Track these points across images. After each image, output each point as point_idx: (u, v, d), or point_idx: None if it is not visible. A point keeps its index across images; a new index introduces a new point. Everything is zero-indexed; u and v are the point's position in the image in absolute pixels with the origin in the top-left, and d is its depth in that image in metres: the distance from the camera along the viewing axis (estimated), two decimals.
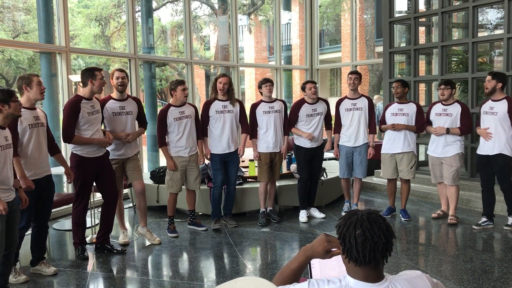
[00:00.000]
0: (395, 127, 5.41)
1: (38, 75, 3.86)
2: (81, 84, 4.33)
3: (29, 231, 4.00)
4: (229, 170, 5.30)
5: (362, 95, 5.67)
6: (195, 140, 5.10)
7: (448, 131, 5.21)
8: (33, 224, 3.95)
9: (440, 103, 5.40)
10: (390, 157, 5.56)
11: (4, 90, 3.24)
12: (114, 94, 4.63)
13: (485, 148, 4.98)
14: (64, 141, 4.23)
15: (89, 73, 4.23)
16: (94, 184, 4.46)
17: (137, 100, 4.84)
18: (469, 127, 5.27)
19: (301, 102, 5.53)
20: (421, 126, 5.49)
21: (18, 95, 3.42)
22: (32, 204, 3.76)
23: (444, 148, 5.30)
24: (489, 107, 4.97)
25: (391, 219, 5.63)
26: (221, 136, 5.16)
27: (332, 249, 1.67)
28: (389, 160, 5.58)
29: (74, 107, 4.14)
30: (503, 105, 4.84)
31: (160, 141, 4.97)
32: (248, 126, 5.41)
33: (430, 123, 5.45)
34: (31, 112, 3.77)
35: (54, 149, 4.07)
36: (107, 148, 4.45)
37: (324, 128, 5.68)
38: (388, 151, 5.58)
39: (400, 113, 5.47)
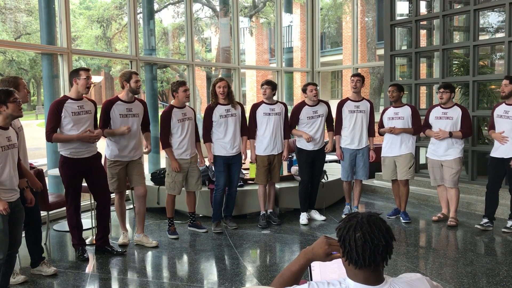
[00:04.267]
0: (393, 131, 5.45)
1: (22, 78, 3.84)
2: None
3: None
4: (231, 172, 5.30)
5: (364, 98, 5.68)
6: (194, 142, 5.12)
7: (451, 135, 5.22)
8: (25, 228, 3.94)
9: (439, 106, 5.42)
10: (389, 159, 5.61)
11: (1, 90, 3.20)
12: (124, 96, 4.64)
13: (501, 150, 4.97)
14: (46, 140, 4.25)
15: (74, 73, 4.26)
16: (86, 185, 4.48)
17: (143, 103, 4.85)
18: (470, 129, 5.30)
19: (302, 104, 5.54)
20: (419, 128, 5.53)
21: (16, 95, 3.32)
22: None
23: (445, 151, 5.31)
24: (503, 110, 4.98)
25: (392, 222, 5.63)
26: (225, 139, 5.17)
27: (332, 252, 1.67)
28: (388, 162, 5.63)
29: (54, 107, 4.17)
30: None
31: (165, 142, 4.97)
32: (247, 128, 5.42)
33: (429, 126, 5.46)
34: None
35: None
36: (96, 150, 4.44)
37: (326, 130, 5.69)
38: (387, 154, 5.65)
39: (396, 117, 5.53)
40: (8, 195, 3.21)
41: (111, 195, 4.69)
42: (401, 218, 5.64)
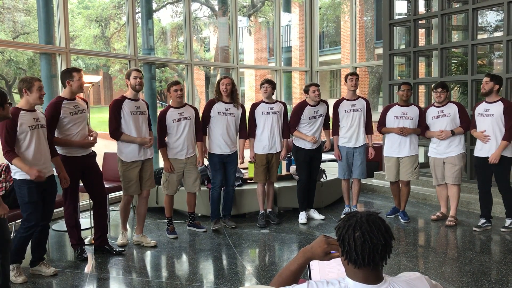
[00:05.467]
0: (403, 132, 5.39)
1: (40, 80, 3.86)
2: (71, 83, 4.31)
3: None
4: (227, 171, 5.30)
5: (359, 97, 5.68)
6: (193, 142, 5.10)
7: (453, 133, 5.22)
8: None
9: (433, 106, 5.42)
10: (395, 160, 5.58)
11: None
12: (129, 94, 4.65)
13: (484, 150, 4.99)
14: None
15: (66, 74, 4.26)
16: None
17: (146, 103, 4.88)
18: (469, 123, 5.27)
19: (304, 104, 5.52)
20: (424, 129, 5.51)
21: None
22: (40, 204, 3.78)
23: (447, 149, 5.31)
24: (483, 109, 4.99)
25: (391, 221, 5.63)
26: (221, 137, 5.16)
27: (331, 251, 1.67)
28: (394, 163, 5.59)
29: (53, 109, 4.16)
30: (498, 107, 4.87)
31: (160, 142, 5.00)
32: (246, 131, 5.41)
33: (427, 127, 5.46)
34: (31, 114, 3.77)
35: (51, 152, 4.05)
36: (91, 148, 4.45)
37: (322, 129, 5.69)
38: (392, 154, 5.58)
39: (404, 116, 5.47)
40: None
41: (108, 194, 4.69)
42: (400, 217, 5.64)
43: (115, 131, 4.55)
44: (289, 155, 6.13)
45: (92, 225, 5.02)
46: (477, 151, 5.10)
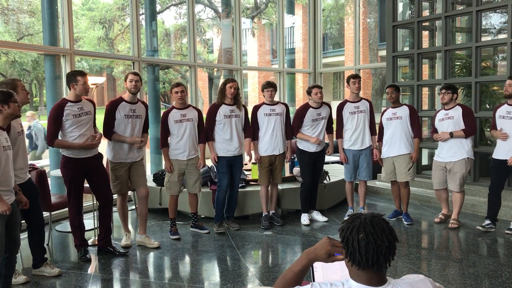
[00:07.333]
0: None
1: (21, 80, 3.86)
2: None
3: (25, 235, 3.99)
4: (233, 173, 5.30)
5: (362, 98, 5.68)
6: (195, 144, 5.10)
7: (451, 135, 5.21)
8: (28, 228, 3.96)
9: (442, 109, 5.41)
10: (388, 160, 5.58)
11: (3, 91, 3.25)
12: (126, 96, 4.68)
13: (503, 152, 4.96)
14: (48, 145, 4.26)
15: (71, 78, 4.26)
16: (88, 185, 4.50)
17: (145, 105, 4.88)
18: (473, 127, 5.23)
19: (306, 106, 5.52)
20: (419, 129, 5.53)
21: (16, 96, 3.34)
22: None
23: (448, 153, 5.29)
24: (506, 111, 4.97)
25: (395, 222, 5.62)
26: (230, 140, 5.16)
27: (335, 254, 1.67)
28: (388, 163, 5.60)
29: (55, 111, 4.17)
30: None
31: (162, 142, 5.03)
32: (251, 130, 5.42)
33: (436, 130, 5.46)
34: (17, 119, 3.66)
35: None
36: (97, 150, 4.44)
37: (325, 132, 5.68)
38: (385, 155, 5.60)
39: (394, 117, 5.49)
40: (7, 197, 3.21)
41: (114, 195, 4.71)
42: (403, 219, 5.63)
43: (108, 132, 4.61)
44: (292, 157, 6.12)
45: (96, 226, 5.04)
46: (495, 152, 5.07)
